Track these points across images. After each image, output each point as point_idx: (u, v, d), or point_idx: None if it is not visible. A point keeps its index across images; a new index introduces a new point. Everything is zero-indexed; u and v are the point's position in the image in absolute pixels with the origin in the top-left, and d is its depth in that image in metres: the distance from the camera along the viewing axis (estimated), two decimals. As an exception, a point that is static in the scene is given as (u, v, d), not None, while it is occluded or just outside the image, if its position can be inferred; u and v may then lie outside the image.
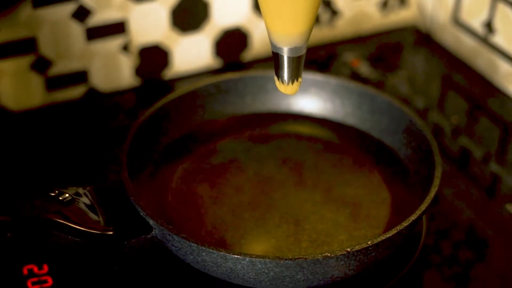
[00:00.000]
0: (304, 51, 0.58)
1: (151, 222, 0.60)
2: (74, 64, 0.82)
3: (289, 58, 0.57)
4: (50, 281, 0.62)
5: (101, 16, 0.80)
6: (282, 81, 0.59)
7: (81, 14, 0.79)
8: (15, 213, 0.59)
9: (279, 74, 0.59)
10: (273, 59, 0.58)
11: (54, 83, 0.82)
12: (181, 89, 0.74)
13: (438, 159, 0.65)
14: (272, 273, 0.57)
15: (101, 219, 0.60)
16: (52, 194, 0.61)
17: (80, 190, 0.62)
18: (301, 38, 0.57)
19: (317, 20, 0.92)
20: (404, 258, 0.64)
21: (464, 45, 0.91)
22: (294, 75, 0.58)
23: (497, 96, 0.86)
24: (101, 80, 0.84)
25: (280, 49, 0.57)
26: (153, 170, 0.69)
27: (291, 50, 0.57)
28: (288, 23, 0.56)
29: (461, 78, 0.89)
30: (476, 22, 0.88)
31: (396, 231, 0.58)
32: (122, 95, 0.85)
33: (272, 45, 0.57)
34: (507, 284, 0.64)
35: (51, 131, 0.79)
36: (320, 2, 0.56)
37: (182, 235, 0.58)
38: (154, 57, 0.85)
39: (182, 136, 0.73)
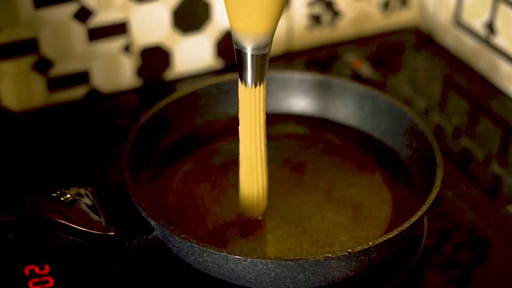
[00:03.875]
0: (268, 50, 0.55)
1: (152, 222, 0.60)
2: (75, 65, 0.82)
3: (253, 56, 0.55)
4: (51, 281, 0.62)
5: (103, 17, 0.80)
6: (245, 84, 0.56)
7: (83, 14, 0.79)
8: (16, 214, 0.59)
9: (242, 75, 0.56)
10: (235, 58, 0.55)
11: (56, 83, 0.82)
12: (183, 90, 0.74)
13: (439, 160, 0.65)
14: (273, 274, 0.57)
15: (102, 219, 0.60)
16: (54, 194, 0.61)
17: (82, 191, 0.62)
18: (266, 37, 0.54)
19: (318, 20, 0.92)
20: (405, 259, 0.64)
21: (466, 46, 0.91)
22: (258, 77, 0.56)
23: (498, 97, 0.85)
24: (102, 80, 0.84)
25: (244, 46, 0.54)
26: (154, 171, 0.69)
27: (256, 48, 0.54)
28: (252, 23, 0.53)
29: (462, 79, 0.89)
30: (478, 23, 0.88)
31: (397, 232, 0.58)
32: (123, 96, 0.85)
33: (235, 42, 0.55)
34: (508, 285, 0.64)
35: (52, 132, 0.79)
36: (285, 2, 0.53)
37: (183, 236, 0.58)
38: (155, 58, 0.85)
39: (183, 137, 0.73)
